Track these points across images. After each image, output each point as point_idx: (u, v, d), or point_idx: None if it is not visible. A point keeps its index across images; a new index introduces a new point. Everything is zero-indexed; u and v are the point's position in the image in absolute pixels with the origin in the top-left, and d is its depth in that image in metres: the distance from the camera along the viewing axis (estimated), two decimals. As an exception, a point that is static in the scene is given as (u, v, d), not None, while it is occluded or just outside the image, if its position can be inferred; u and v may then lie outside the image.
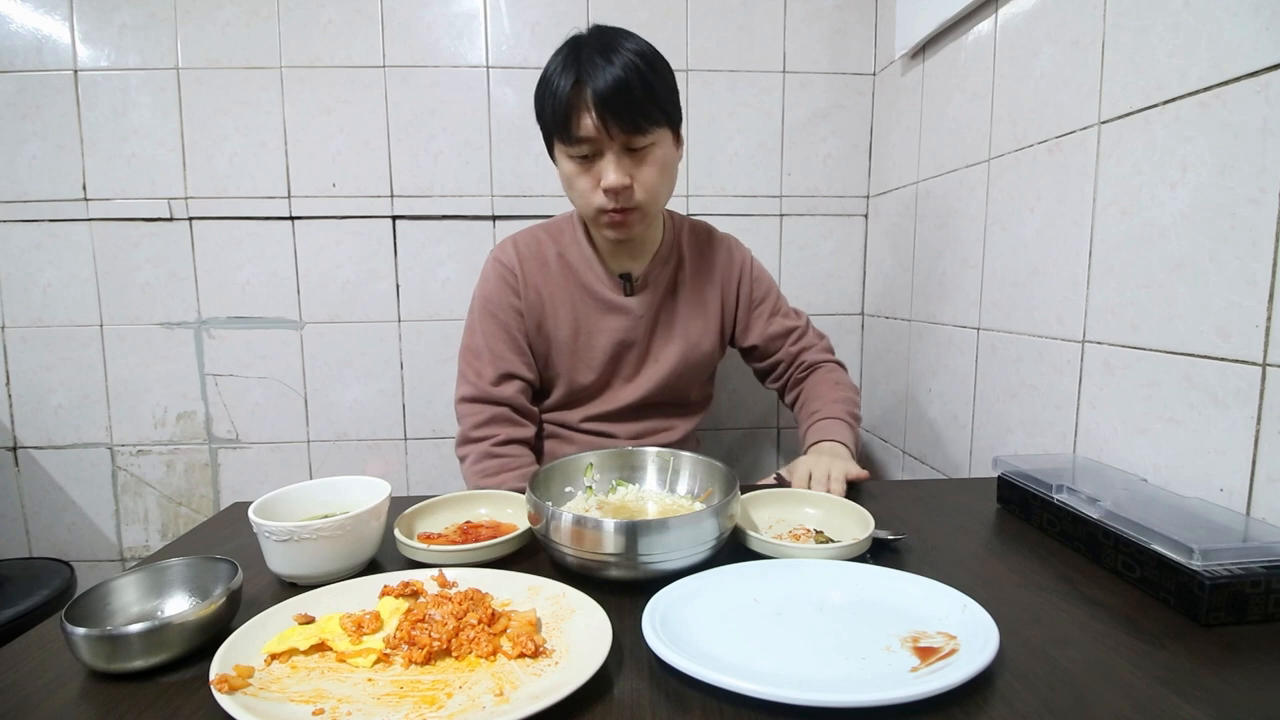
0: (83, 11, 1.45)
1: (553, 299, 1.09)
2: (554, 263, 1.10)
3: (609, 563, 0.60)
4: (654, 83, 0.92)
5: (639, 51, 0.92)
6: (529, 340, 1.10)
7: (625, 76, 0.88)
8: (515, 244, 1.11)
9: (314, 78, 1.49)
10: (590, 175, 0.95)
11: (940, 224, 1.29)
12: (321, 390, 1.58)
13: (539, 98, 0.95)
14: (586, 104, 0.89)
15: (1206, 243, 0.72)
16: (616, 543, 0.59)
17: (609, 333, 1.09)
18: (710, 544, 0.62)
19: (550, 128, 0.95)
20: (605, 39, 0.92)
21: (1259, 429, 0.67)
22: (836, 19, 1.55)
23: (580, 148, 0.93)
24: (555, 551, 0.63)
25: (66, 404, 1.55)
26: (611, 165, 0.93)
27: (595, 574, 0.62)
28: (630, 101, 0.89)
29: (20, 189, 1.48)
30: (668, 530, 0.59)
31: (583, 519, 0.60)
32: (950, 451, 1.27)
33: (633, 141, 0.92)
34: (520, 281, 1.08)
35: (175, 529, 1.61)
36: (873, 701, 0.43)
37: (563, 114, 0.90)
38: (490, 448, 1.03)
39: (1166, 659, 0.50)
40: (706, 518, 0.61)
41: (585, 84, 0.88)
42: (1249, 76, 0.67)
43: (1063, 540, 0.71)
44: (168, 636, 0.49)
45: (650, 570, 0.60)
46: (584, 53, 0.90)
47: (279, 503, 0.69)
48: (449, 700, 0.45)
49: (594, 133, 0.90)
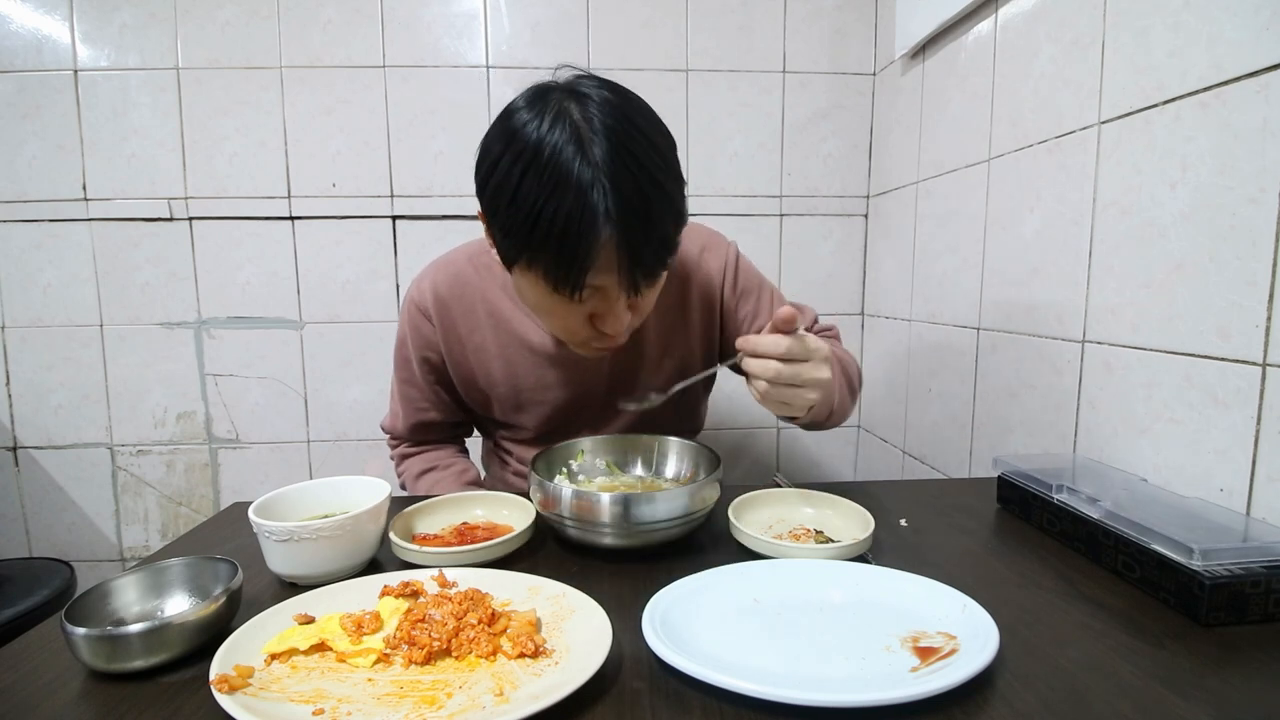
0: (83, 11, 1.45)
1: (481, 351, 0.91)
2: (481, 307, 0.90)
3: (605, 530, 0.67)
4: (679, 204, 0.70)
5: (664, 160, 0.68)
6: (461, 388, 0.95)
7: (657, 217, 0.66)
8: (434, 285, 0.91)
9: (314, 78, 1.49)
10: (580, 312, 0.73)
11: (940, 224, 1.29)
12: (321, 390, 1.58)
13: (519, 207, 0.65)
14: (616, 258, 0.66)
15: (1206, 243, 0.72)
16: (612, 513, 0.65)
17: (555, 388, 0.92)
18: (690, 516, 0.68)
19: (538, 261, 0.67)
20: (621, 142, 0.64)
21: (1259, 429, 0.67)
22: (836, 19, 1.55)
23: (582, 294, 0.69)
24: (556, 524, 0.70)
25: (66, 404, 1.55)
26: (620, 314, 0.72)
27: (594, 543, 0.69)
28: (661, 246, 0.68)
29: (20, 189, 1.48)
30: (655, 502, 0.66)
31: (581, 492, 0.68)
32: (950, 451, 1.27)
33: (651, 284, 0.72)
34: (438, 332, 0.91)
35: (175, 529, 1.61)
36: (873, 701, 0.43)
37: (576, 263, 0.65)
38: (411, 453, 1.03)
39: (1166, 659, 0.50)
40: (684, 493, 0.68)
41: (615, 234, 0.64)
42: (1249, 76, 0.67)
43: (1063, 540, 0.71)
44: (168, 636, 0.49)
45: (642, 537, 0.67)
46: (599, 162, 0.63)
47: (279, 503, 0.69)
48: (449, 700, 0.45)
49: (609, 284, 0.69)
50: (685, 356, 0.95)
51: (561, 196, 0.63)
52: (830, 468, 1.74)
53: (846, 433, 1.72)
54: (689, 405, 1.06)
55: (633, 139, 0.65)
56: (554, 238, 0.64)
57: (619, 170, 0.63)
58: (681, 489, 0.68)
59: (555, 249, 0.65)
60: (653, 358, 0.94)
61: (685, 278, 0.93)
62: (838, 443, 1.73)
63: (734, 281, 0.95)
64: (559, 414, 0.95)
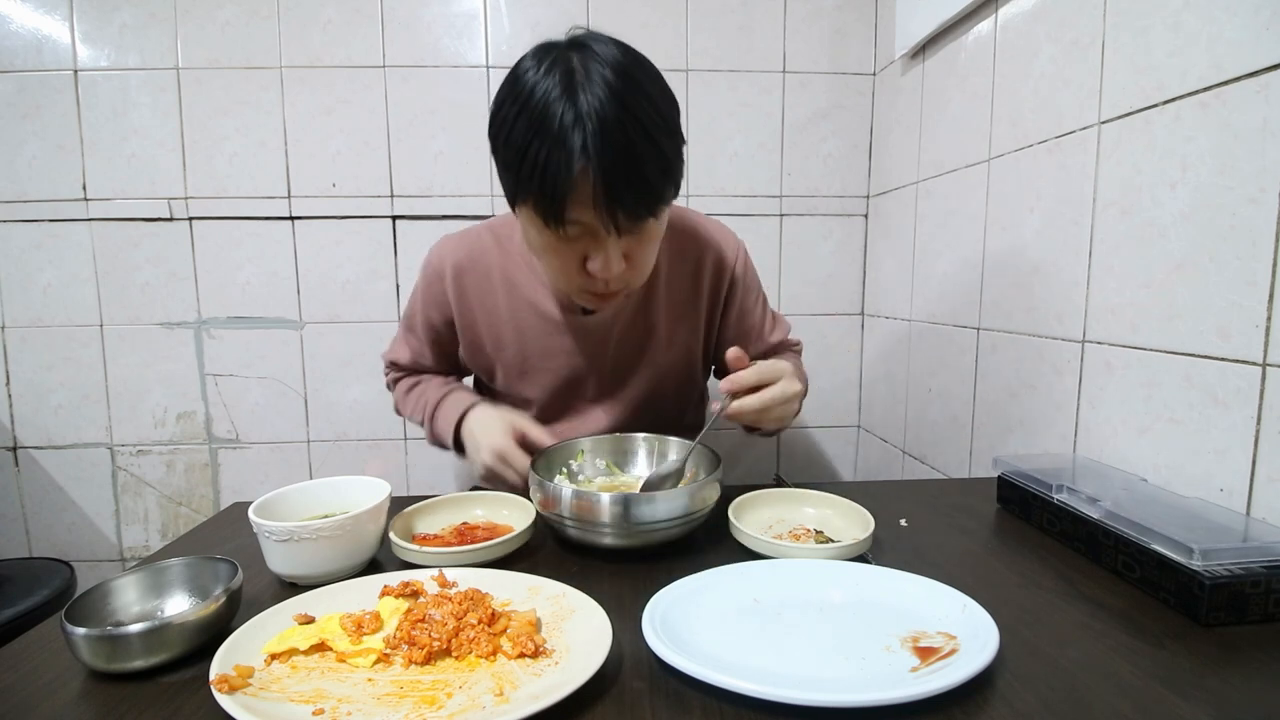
0: (83, 11, 1.45)
1: (493, 316, 0.95)
2: (497, 274, 0.94)
3: (605, 530, 0.66)
4: (670, 154, 0.72)
5: (655, 103, 0.70)
6: (467, 353, 0.99)
7: (641, 157, 0.69)
8: (454, 250, 0.95)
9: (314, 78, 1.49)
10: (572, 252, 0.76)
11: (940, 224, 1.29)
12: (321, 390, 1.58)
13: (513, 142, 0.70)
14: (591, 190, 0.68)
15: (1206, 243, 0.72)
16: (612, 513, 0.65)
17: (561, 356, 0.94)
18: (690, 517, 0.68)
19: (527, 195, 0.71)
20: (613, 89, 0.67)
21: (1259, 429, 0.67)
22: (836, 19, 1.55)
23: (567, 229, 0.72)
24: (556, 523, 0.70)
25: (66, 404, 1.55)
26: (609, 255, 0.74)
27: (594, 543, 0.69)
28: (645, 188, 0.70)
29: (20, 189, 1.48)
30: (655, 502, 0.66)
31: (581, 492, 0.68)
32: (950, 451, 1.27)
33: (636, 228, 0.74)
34: (452, 298, 0.95)
35: (175, 529, 1.61)
36: (873, 701, 0.43)
37: (556, 195, 0.68)
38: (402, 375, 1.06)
39: (1166, 659, 0.50)
40: (686, 492, 0.68)
41: (590, 162, 0.67)
42: (1249, 76, 0.67)
43: (1063, 540, 0.71)
44: (168, 636, 0.49)
45: (642, 537, 0.67)
46: (582, 102, 0.67)
47: (279, 503, 0.69)
48: (449, 700, 0.45)
49: (591, 220, 0.71)
50: (692, 336, 0.98)
51: (544, 134, 0.67)
52: (830, 468, 1.74)
53: (846, 433, 1.72)
54: (692, 401, 1.07)
55: (625, 86, 0.69)
56: (537, 172, 0.69)
57: (605, 112, 0.67)
58: (681, 489, 0.68)
59: (539, 182, 0.69)
60: (661, 335, 0.96)
61: (699, 260, 0.96)
62: (838, 443, 1.73)
63: (745, 274, 1.00)
64: (563, 385, 0.97)
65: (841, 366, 1.68)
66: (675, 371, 1.00)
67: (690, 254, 0.96)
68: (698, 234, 0.97)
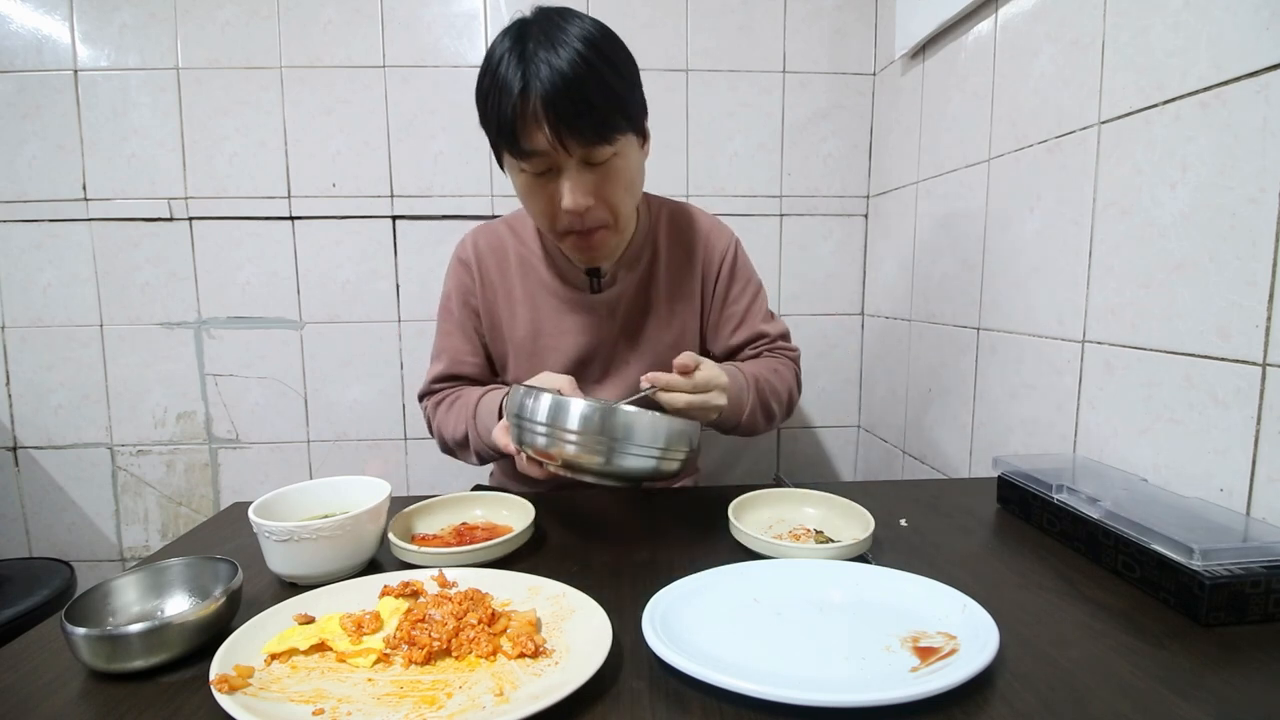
0: (83, 11, 1.45)
1: (510, 297, 1.02)
2: (514, 258, 1.02)
3: (574, 442, 0.64)
4: (613, 83, 0.78)
5: (593, 43, 0.77)
6: (484, 342, 1.05)
7: (580, 79, 0.75)
8: (475, 239, 1.05)
9: (314, 78, 1.49)
10: (546, 192, 0.83)
11: (940, 224, 1.29)
12: (321, 390, 1.58)
13: (481, 98, 0.81)
14: (536, 114, 0.76)
15: (1206, 243, 0.72)
16: (585, 422, 0.64)
17: (571, 333, 1.01)
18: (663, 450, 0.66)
19: (495, 138, 0.81)
20: (552, 26, 0.77)
21: (1259, 429, 0.67)
22: (836, 19, 1.55)
23: (533, 162, 0.80)
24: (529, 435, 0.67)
25: (66, 404, 1.55)
26: (570, 185, 0.81)
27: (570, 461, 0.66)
28: (588, 110, 0.76)
29: (20, 189, 1.48)
30: (631, 418, 0.64)
31: (560, 399, 0.66)
32: (950, 451, 1.27)
33: (593, 155, 0.80)
34: (476, 279, 1.03)
35: (175, 529, 1.61)
36: (873, 701, 0.43)
37: (509, 124, 0.77)
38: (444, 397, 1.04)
39: (1166, 659, 0.50)
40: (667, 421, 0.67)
41: (532, 90, 0.75)
42: (1249, 76, 0.67)
43: (1063, 540, 0.71)
44: (168, 636, 0.49)
45: (618, 463, 0.65)
46: (529, 47, 0.76)
47: (279, 503, 0.69)
48: (449, 700, 0.45)
49: (547, 147, 0.77)
50: (688, 315, 1.04)
51: (495, 77, 0.78)
52: (830, 468, 1.74)
53: (846, 433, 1.72)
54: None
55: (573, 33, 0.77)
56: (491, 111, 0.79)
57: (546, 50, 0.75)
58: (661, 416, 0.67)
59: (495, 121, 0.79)
60: (661, 314, 1.02)
61: (694, 246, 1.04)
62: (838, 443, 1.73)
63: (733, 263, 1.05)
64: (571, 366, 1.01)
65: (841, 366, 1.68)
66: (673, 351, 0.98)
67: (686, 239, 1.04)
68: (694, 223, 1.05)
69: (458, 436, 0.97)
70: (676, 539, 0.74)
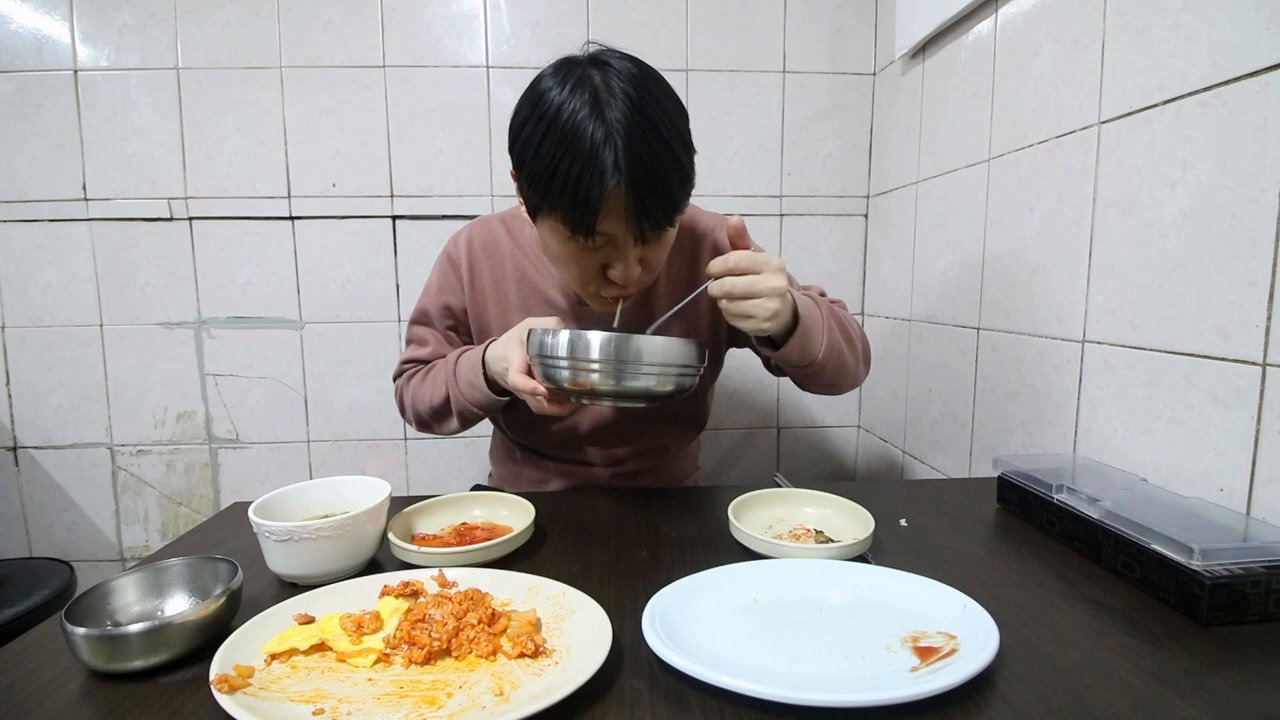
0: (83, 11, 1.45)
1: (503, 303, 0.98)
2: (509, 263, 0.98)
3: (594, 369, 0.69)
4: (688, 166, 0.77)
5: (673, 120, 0.75)
6: (477, 340, 1.00)
7: (667, 169, 0.72)
8: (469, 237, 1.00)
9: (314, 78, 1.49)
10: (594, 261, 0.79)
11: (940, 224, 1.29)
12: (321, 390, 1.58)
13: (541, 158, 0.72)
14: (623, 207, 0.72)
15: (1206, 243, 0.72)
16: (603, 349, 0.69)
17: None
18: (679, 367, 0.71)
19: (556, 209, 0.74)
20: (636, 105, 0.71)
21: (1259, 429, 0.67)
22: (836, 19, 1.55)
23: (594, 240, 0.75)
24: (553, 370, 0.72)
25: (66, 404, 1.55)
26: (628, 262, 0.77)
27: (586, 386, 0.71)
28: (670, 198, 0.74)
29: (20, 189, 1.48)
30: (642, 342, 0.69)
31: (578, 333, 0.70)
32: (950, 451, 1.27)
33: (656, 236, 0.77)
34: (465, 281, 0.98)
35: (175, 529, 1.61)
36: (873, 701, 0.43)
37: (588, 209, 0.71)
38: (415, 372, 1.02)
39: (1166, 658, 0.50)
40: (674, 341, 0.71)
41: (624, 184, 0.70)
42: (1249, 76, 0.67)
43: (1063, 540, 0.71)
44: (168, 636, 0.49)
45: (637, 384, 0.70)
46: (613, 121, 0.70)
47: (279, 503, 0.69)
48: (449, 700, 0.45)
49: (618, 232, 0.74)
50: (692, 323, 1.01)
51: (576, 153, 0.70)
52: (830, 468, 1.74)
53: (846, 433, 1.72)
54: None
55: (646, 103, 0.72)
56: (569, 188, 0.71)
57: (631, 129, 0.70)
58: (672, 338, 0.71)
59: (570, 198, 0.71)
60: (662, 326, 0.97)
61: (696, 250, 0.99)
62: (838, 443, 1.73)
63: None
64: None
65: (841, 366, 1.68)
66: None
67: (687, 245, 1.00)
68: (694, 225, 1.01)
69: (435, 403, 0.94)
70: (676, 539, 0.74)
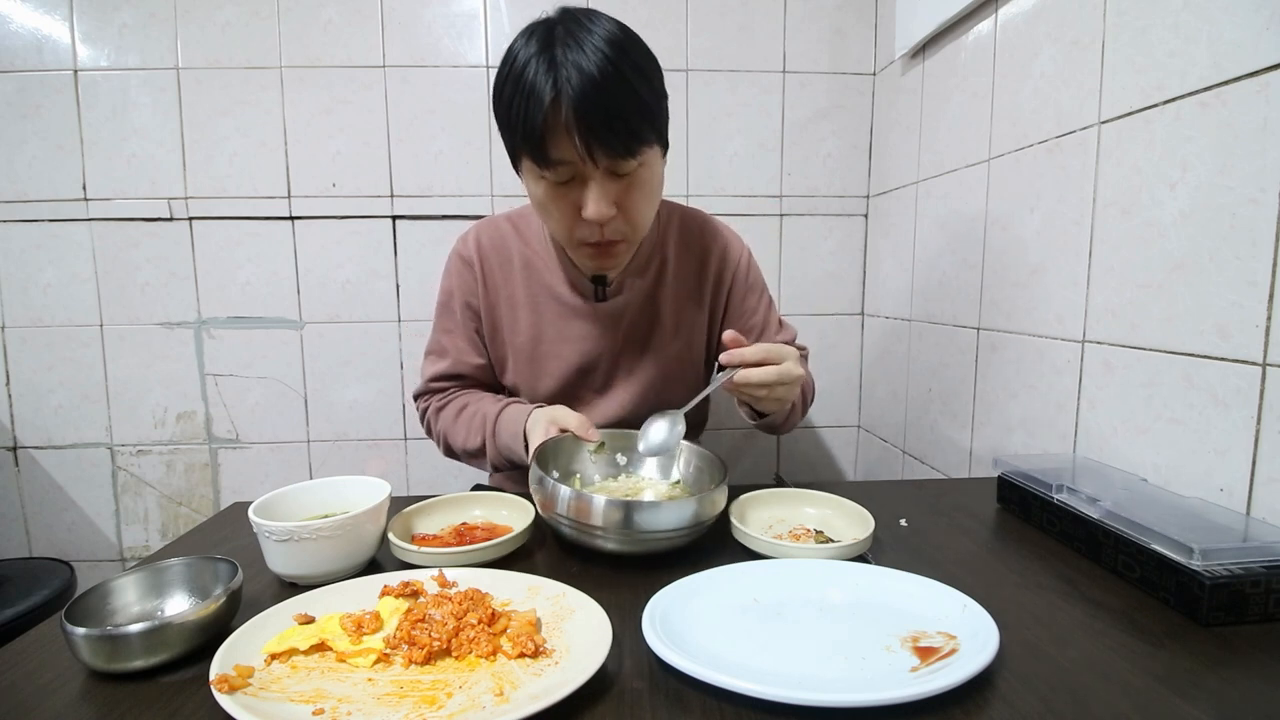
0: (83, 11, 1.45)
1: (512, 300, 0.99)
2: (517, 259, 0.99)
3: (598, 535, 0.65)
4: (644, 94, 0.77)
5: (623, 49, 0.76)
6: (485, 344, 1.02)
7: (612, 89, 0.73)
8: (479, 236, 1.02)
9: (314, 78, 1.49)
10: (568, 201, 0.81)
11: (940, 224, 1.29)
12: (321, 390, 1.58)
13: (503, 101, 0.78)
14: (567, 124, 0.73)
15: (1206, 243, 0.72)
16: (608, 517, 0.64)
17: (574, 341, 0.98)
18: (692, 528, 0.66)
19: (517, 142, 0.78)
20: (579, 29, 0.75)
21: (1259, 429, 0.67)
22: (836, 19, 1.55)
23: (557, 171, 0.78)
24: (555, 523, 0.69)
25: (66, 404, 1.55)
26: (595, 194, 0.78)
27: (590, 545, 0.67)
28: (619, 121, 0.74)
29: (20, 189, 1.48)
30: (658, 510, 0.65)
31: (580, 494, 0.66)
32: (950, 451, 1.27)
33: (619, 166, 0.78)
34: (479, 279, 1.00)
35: (175, 529, 1.61)
36: (873, 701, 0.43)
37: (537, 132, 0.74)
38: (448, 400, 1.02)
39: (1166, 658, 0.50)
40: (691, 504, 0.66)
41: (563, 98, 0.72)
42: (1249, 76, 0.67)
43: (1063, 540, 0.71)
44: (168, 636, 0.49)
45: (642, 544, 0.66)
46: (559, 52, 0.74)
47: (279, 503, 0.69)
48: (449, 700, 0.45)
49: (574, 157, 0.75)
50: (696, 325, 1.02)
51: (524, 82, 0.74)
52: (830, 468, 1.74)
53: (846, 433, 1.72)
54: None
55: (601, 37, 0.75)
56: (518, 116, 0.75)
57: (579, 56, 0.73)
58: (686, 500, 0.66)
59: (522, 125, 0.75)
60: (668, 323, 1.00)
61: (705, 254, 1.01)
62: (838, 443, 1.73)
63: (747, 273, 1.04)
64: (572, 374, 0.99)
65: (841, 366, 1.68)
66: (680, 361, 1.01)
67: (696, 247, 1.01)
68: (705, 230, 1.02)
69: (470, 448, 0.97)
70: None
